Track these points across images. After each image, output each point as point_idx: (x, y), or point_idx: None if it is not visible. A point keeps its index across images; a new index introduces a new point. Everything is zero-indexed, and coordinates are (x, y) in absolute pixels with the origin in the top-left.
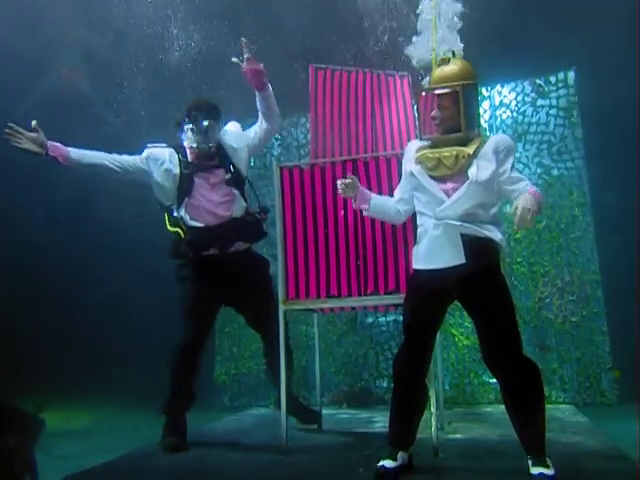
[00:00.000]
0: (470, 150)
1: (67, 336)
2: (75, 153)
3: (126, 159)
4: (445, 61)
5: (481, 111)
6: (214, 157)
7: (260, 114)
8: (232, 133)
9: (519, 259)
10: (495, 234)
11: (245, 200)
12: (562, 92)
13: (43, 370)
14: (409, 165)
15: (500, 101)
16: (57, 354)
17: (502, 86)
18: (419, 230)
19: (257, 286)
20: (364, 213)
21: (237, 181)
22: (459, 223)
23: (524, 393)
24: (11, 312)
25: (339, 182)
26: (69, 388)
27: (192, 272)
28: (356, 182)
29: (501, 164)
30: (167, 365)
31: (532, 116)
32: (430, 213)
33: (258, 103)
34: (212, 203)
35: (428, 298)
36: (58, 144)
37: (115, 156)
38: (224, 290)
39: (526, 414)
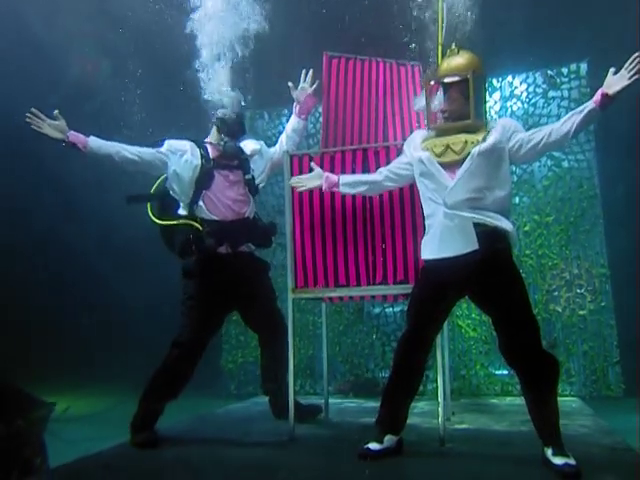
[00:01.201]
0: (479, 137)
1: (76, 324)
2: (94, 142)
3: (144, 150)
4: (454, 52)
5: (492, 102)
6: (235, 158)
7: (285, 136)
8: (260, 144)
9: (528, 251)
10: (506, 224)
11: None
12: (574, 84)
13: (53, 356)
14: (414, 152)
15: (511, 92)
16: (68, 340)
17: (513, 77)
18: (428, 221)
19: (261, 290)
20: (338, 189)
21: (252, 185)
22: (471, 215)
23: (544, 383)
24: (20, 302)
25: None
26: (79, 374)
27: (200, 269)
28: (318, 172)
29: (514, 137)
30: (164, 361)
31: (543, 107)
32: (439, 200)
33: (289, 126)
34: (230, 199)
35: (438, 291)
36: (79, 133)
37: (133, 146)
38: (229, 291)
39: (545, 404)
